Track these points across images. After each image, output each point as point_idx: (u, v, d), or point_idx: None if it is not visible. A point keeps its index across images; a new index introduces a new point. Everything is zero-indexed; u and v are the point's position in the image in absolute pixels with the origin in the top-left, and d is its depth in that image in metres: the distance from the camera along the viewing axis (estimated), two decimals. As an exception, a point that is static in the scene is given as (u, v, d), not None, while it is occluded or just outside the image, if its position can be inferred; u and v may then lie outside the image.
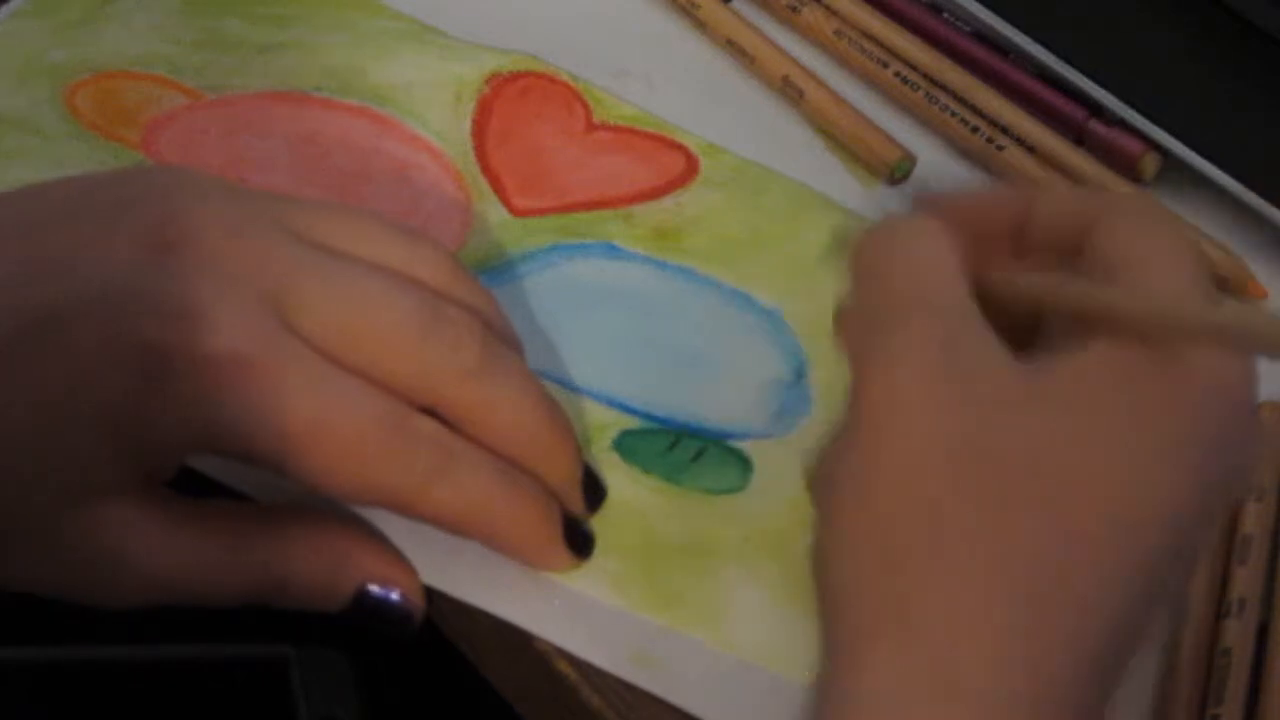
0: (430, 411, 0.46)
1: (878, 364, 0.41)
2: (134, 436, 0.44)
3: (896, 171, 0.58)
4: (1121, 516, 0.39)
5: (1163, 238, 0.42)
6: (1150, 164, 0.58)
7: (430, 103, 0.58)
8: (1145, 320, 0.40)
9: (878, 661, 0.39)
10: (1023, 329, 0.43)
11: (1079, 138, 0.58)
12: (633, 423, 0.52)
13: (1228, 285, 0.55)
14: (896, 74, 0.60)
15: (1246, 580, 0.48)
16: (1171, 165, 0.58)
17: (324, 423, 0.44)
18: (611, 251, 0.55)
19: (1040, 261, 0.43)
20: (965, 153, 0.59)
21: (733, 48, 0.61)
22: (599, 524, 0.49)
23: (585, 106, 0.59)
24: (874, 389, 0.41)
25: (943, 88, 0.59)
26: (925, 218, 0.43)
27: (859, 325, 0.43)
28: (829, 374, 0.53)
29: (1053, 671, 0.38)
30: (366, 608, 0.47)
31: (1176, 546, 0.40)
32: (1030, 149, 0.58)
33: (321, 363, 0.45)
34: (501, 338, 0.48)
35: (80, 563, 0.45)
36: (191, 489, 0.47)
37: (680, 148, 0.58)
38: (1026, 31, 0.59)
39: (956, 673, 0.38)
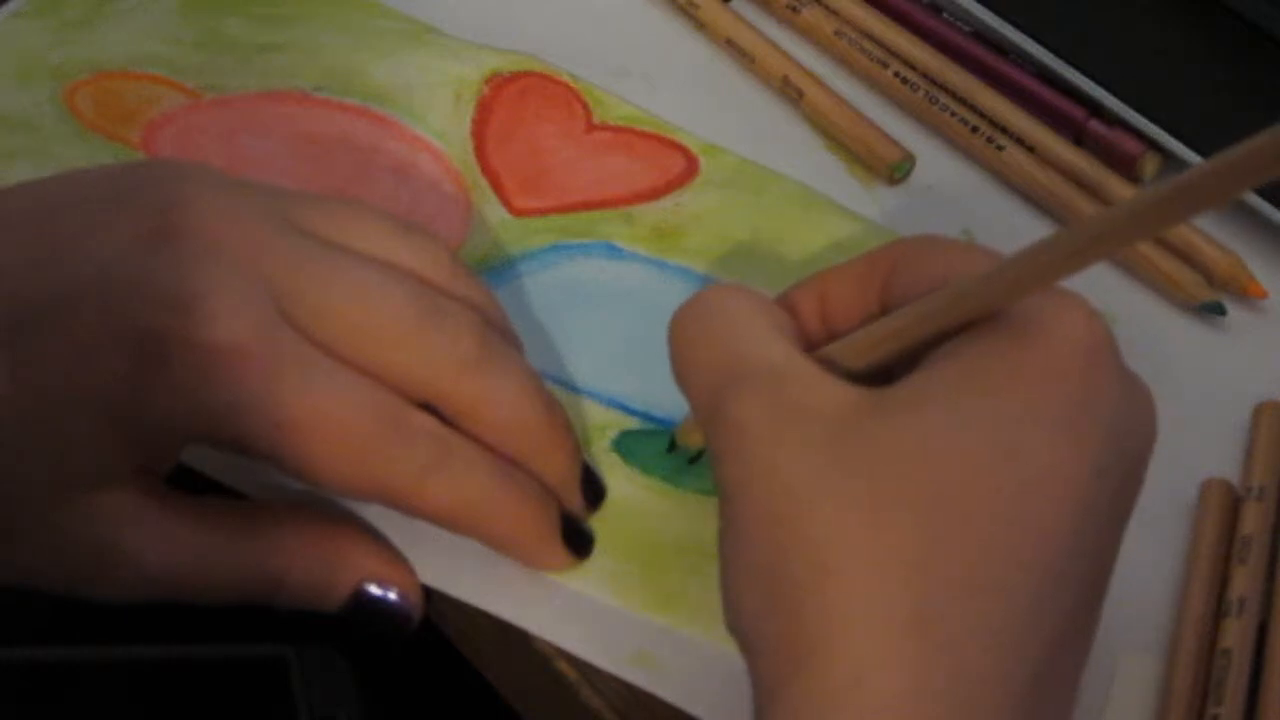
0: (428, 407, 0.46)
1: (723, 440, 0.41)
2: (131, 422, 0.44)
3: (896, 171, 0.58)
4: (999, 492, 0.39)
5: (950, 249, 0.43)
6: (1150, 164, 0.58)
7: (430, 103, 0.58)
8: (969, 298, 0.41)
9: (796, 695, 0.39)
10: None
11: (1079, 138, 0.58)
12: (633, 423, 0.52)
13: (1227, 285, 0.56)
14: (896, 74, 0.60)
15: (1246, 580, 0.48)
16: (1172, 165, 0.58)
17: (319, 414, 0.44)
18: (611, 251, 0.55)
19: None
20: (965, 153, 0.59)
21: (733, 48, 0.61)
22: (598, 524, 0.49)
23: (585, 106, 0.59)
24: (728, 469, 0.41)
25: (943, 88, 0.59)
26: (722, 290, 0.45)
27: (699, 408, 0.43)
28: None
29: (971, 664, 0.38)
30: (364, 607, 0.47)
31: (1076, 511, 0.39)
32: (1030, 149, 0.58)
33: (318, 354, 0.45)
34: (500, 333, 0.48)
35: (76, 553, 0.45)
36: (190, 490, 0.47)
37: (680, 148, 0.58)
38: (1026, 31, 0.59)
39: (872, 685, 0.38)
